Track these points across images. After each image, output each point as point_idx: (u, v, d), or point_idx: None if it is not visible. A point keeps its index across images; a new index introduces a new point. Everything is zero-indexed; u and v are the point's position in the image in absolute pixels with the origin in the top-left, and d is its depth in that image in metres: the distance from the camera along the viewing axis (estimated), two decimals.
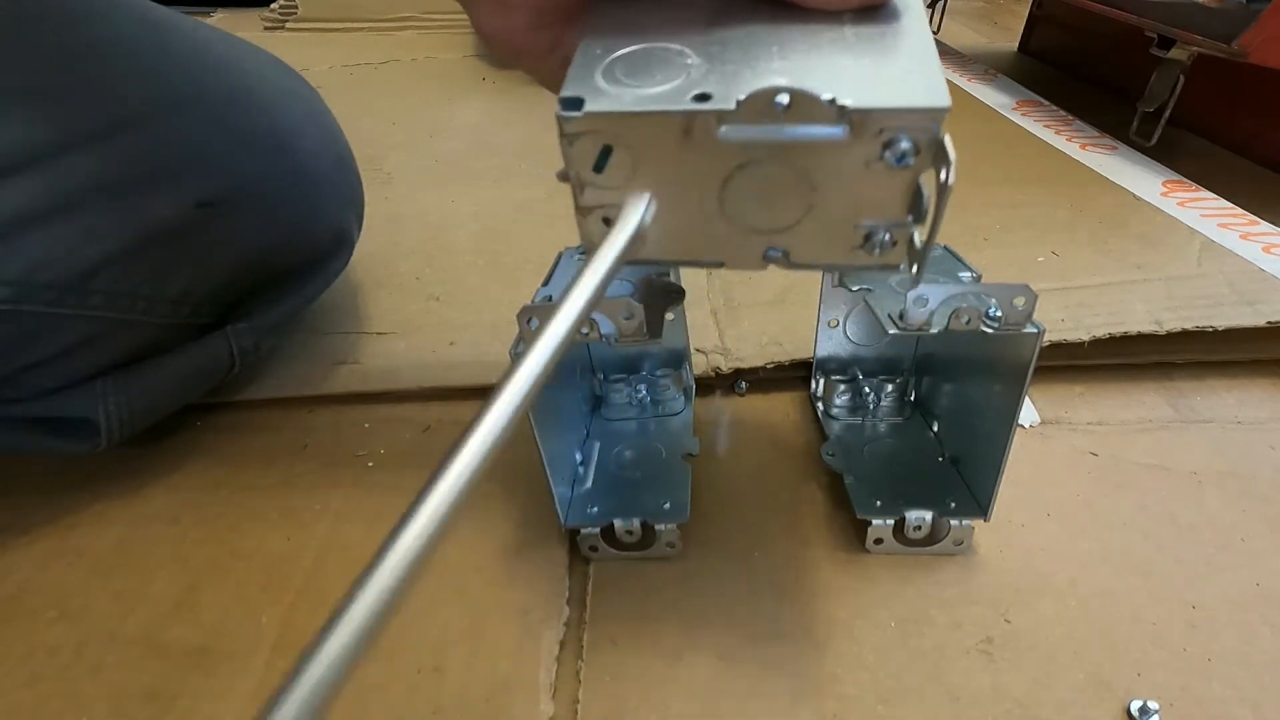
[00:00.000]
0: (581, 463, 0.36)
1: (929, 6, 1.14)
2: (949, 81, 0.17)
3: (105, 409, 0.34)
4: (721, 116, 0.17)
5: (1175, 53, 0.62)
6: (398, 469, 0.38)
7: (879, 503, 0.33)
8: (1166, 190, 0.61)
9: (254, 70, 0.37)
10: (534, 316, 0.26)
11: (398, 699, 0.28)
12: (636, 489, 0.34)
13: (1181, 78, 0.62)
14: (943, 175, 0.17)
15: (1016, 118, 0.79)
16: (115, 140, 0.30)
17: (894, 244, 0.19)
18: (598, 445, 0.37)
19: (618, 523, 0.32)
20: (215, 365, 0.38)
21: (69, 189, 0.29)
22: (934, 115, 0.16)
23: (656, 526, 0.32)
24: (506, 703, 0.28)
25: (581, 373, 0.39)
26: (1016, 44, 1.12)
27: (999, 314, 0.26)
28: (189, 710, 0.28)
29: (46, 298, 0.30)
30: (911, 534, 0.32)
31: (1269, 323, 0.42)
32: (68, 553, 0.34)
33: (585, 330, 0.27)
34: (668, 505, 0.33)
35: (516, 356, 0.15)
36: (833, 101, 0.16)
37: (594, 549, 0.33)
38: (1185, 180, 0.62)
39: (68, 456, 0.39)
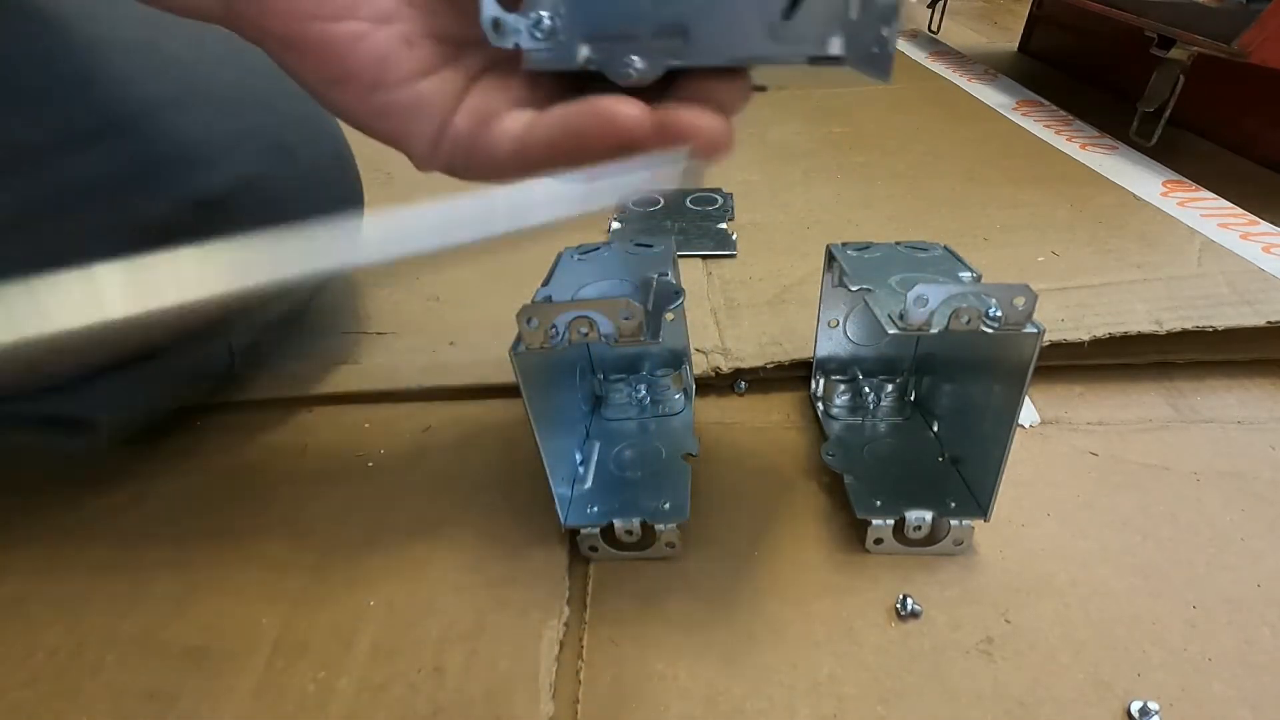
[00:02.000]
0: (581, 463, 0.36)
1: (929, 6, 1.14)
2: (950, 81, 0.17)
3: (104, 408, 0.34)
4: None
5: (1175, 53, 0.62)
6: (398, 469, 0.38)
7: (879, 503, 0.33)
8: (1166, 190, 0.61)
9: (253, 69, 0.37)
10: (534, 316, 0.26)
11: (398, 699, 0.28)
12: (636, 489, 0.34)
13: (1181, 78, 0.62)
14: None
15: (1016, 118, 0.79)
16: (112, 139, 0.30)
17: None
18: (598, 445, 0.37)
19: (617, 523, 0.32)
20: (214, 364, 0.38)
21: (65, 189, 0.29)
22: None
23: (656, 527, 0.32)
24: (506, 703, 0.28)
25: (581, 373, 0.39)
26: (1016, 44, 1.12)
27: (999, 314, 0.26)
28: (189, 710, 0.28)
29: None
30: (911, 534, 0.32)
31: (1269, 323, 0.42)
32: (68, 553, 0.34)
33: (585, 330, 0.27)
34: (668, 505, 0.33)
35: None
36: None
37: (594, 549, 0.33)
38: (1185, 180, 0.62)
39: (67, 456, 0.39)
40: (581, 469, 0.36)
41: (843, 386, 0.40)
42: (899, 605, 0.30)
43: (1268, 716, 0.27)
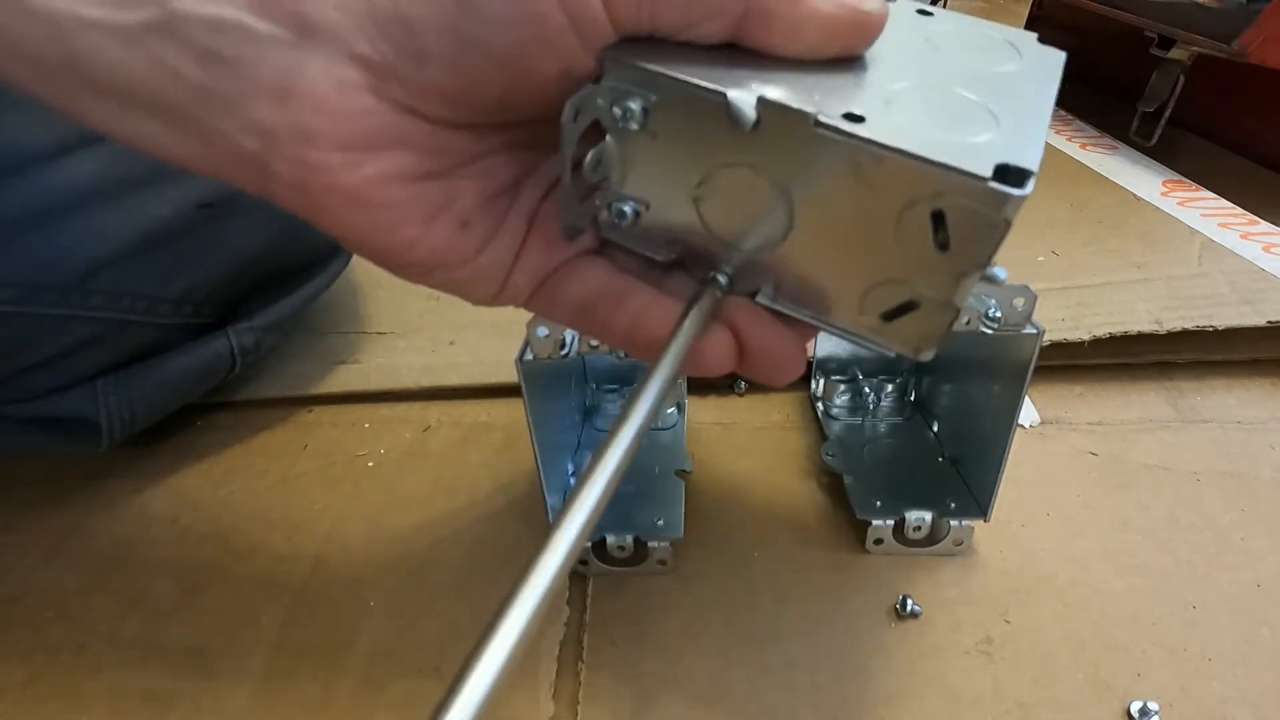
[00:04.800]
0: (573, 473, 0.36)
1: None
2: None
3: (106, 409, 0.34)
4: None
5: (1175, 53, 0.62)
6: (398, 469, 0.38)
7: (879, 503, 0.33)
8: (1166, 190, 0.61)
9: None
10: (545, 325, 0.26)
11: (398, 699, 0.28)
12: (629, 504, 0.33)
13: (1181, 78, 0.62)
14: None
15: None
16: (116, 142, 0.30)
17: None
18: (589, 456, 0.37)
19: (610, 538, 0.31)
20: (216, 365, 0.38)
21: (69, 190, 0.29)
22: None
23: (649, 543, 0.32)
24: (506, 703, 0.28)
25: (576, 383, 0.39)
26: None
27: (999, 314, 0.26)
28: (189, 710, 0.28)
29: (49, 299, 0.30)
30: (911, 534, 0.32)
31: (1269, 322, 0.42)
32: (68, 553, 0.34)
33: (596, 342, 0.27)
34: (661, 522, 0.32)
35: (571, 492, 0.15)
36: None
37: (584, 562, 0.32)
38: (1185, 180, 0.62)
39: (68, 456, 0.39)
40: (573, 479, 0.35)
41: (843, 386, 0.40)
42: (899, 605, 0.30)
43: (1268, 716, 0.27)
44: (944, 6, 1.02)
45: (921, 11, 0.20)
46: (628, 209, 0.19)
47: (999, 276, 0.17)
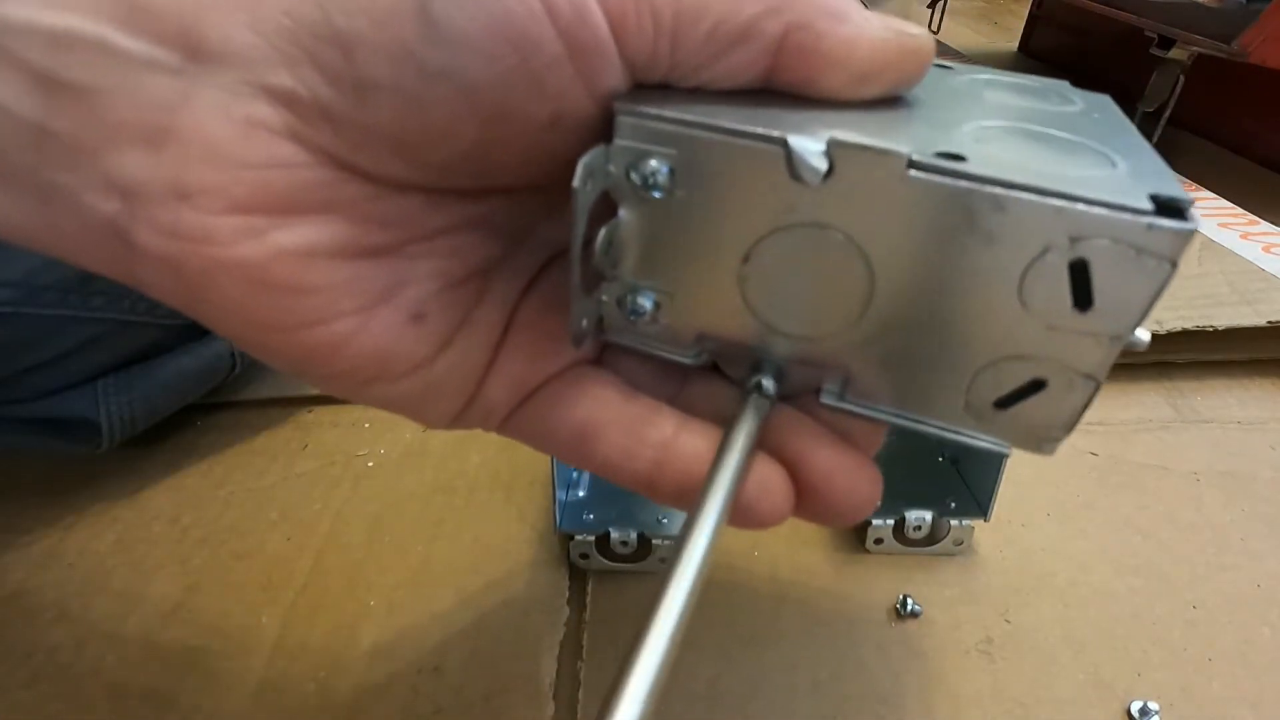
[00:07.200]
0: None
1: (929, 6, 1.14)
2: None
3: (107, 409, 0.34)
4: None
5: (1175, 53, 0.62)
6: (398, 469, 0.38)
7: (879, 503, 0.32)
8: None
9: None
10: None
11: (398, 699, 0.28)
12: (632, 501, 0.33)
13: (1181, 78, 0.62)
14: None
15: None
16: None
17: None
18: None
19: (614, 532, 0.31)
20: (217, 365, 0.38)
21: None
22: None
23: (653, 540, 0.32)
24: (506, 703, 0.28)
25: None
26: (1016, 44, 1.12)
27: None
28: (189, 710, 0.28)
29: (48, 300, 0.30)
30: (911, 534, 0.32)
31: (1269, 322, 0.42)
32: (68, 553, 0.34)
33: None
34: (664, 519, 0.32)
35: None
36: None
37: (585, 556, 0.32)
38: (1185, 180, 0.62)
39: (68, 456, 0.39)
40: (575, 474, 0.35)
41: None
42: (899, 605, 0.30)
43: (1268, 716, 0.27)
44: (943, 9, 1.01)
45: (940, 65, 0.17)
46: (647, 301, 0.15)
47: (1142, 340, 0.13)
